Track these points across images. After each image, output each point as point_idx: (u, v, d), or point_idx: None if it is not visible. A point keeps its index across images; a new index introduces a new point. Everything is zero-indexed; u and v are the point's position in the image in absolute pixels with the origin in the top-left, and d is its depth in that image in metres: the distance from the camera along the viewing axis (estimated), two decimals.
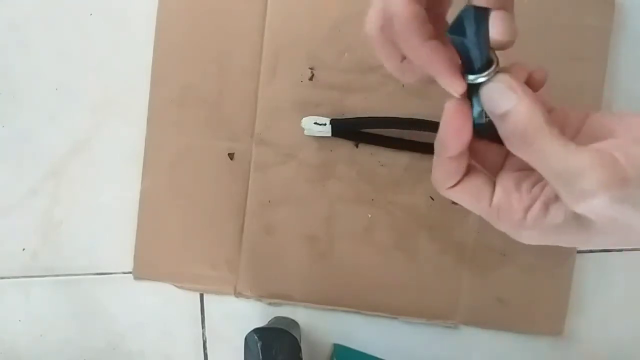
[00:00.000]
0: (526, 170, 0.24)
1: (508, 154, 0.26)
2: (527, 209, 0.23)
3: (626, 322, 0.45)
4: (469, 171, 0.25)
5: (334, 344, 0.45)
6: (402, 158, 0.43)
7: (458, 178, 0.25)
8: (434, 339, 0.45)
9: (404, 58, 0.26)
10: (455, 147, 0.24)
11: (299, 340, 0.40)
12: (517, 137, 0.22)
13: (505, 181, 0.25)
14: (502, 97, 0.22)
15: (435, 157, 0.25)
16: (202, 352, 0.46)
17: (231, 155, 0.44)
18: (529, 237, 0.24)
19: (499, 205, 0.24)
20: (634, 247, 0.45)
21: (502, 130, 0.23)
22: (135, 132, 0.44)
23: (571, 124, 0.25)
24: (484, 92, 0.23)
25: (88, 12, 0.45)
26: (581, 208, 0.21)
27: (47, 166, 0.45)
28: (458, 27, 0.21)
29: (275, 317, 0.44)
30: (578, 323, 0.45)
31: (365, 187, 0.44)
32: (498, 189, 0.25)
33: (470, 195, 0.25)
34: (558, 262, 0.44)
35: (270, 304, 0.45)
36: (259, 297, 0.44)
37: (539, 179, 0.23)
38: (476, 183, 0.25)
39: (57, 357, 0.46)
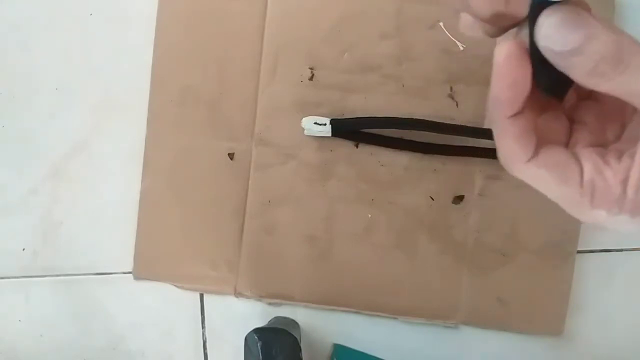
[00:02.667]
0: (600, 145, 0.21)
1: (573, 129, 0.22)
2: (625, 181, 0.19)
3: (626, 322, 0.45)
4: (542, 143, 0.21)
5: (334, 344, 0.45)
6: (402, 158, 0.43)
7: (533, 145, 0.21)
8: (434, 339, 0.45)
9: None
10: (516, 99, 0.20)
11: (299, 340, 0.40)
12: (603, 66, 0.18)
13: (589, 155, 0.20)
14: (576, 24, 0.18)
15: (495, 127, 0.21)
16: (202, 352, 0.46)
17: (231, 155, 0.44)
18: (628, 220, 0.20)
19: (593, 183, 0.20)
20: (633, 247, 0.45)
21: (577, 66, 0.19)
22: (135, 132, 0.44)
23: None
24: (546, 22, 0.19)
25: (88, 12, 0.45)
26: None
27: (47, 166, 0.45)
28: None
29: (275, 317, 0.44)
30: (578, 323, 0.45)
31: (365, 187, 0.44)
32: (587, 163, 0.20)
33: (553, 172, 0.20)
34: (558, 262, 0.44)
35: (270, 304, 0.45)
36: (259, 297, 0.44)
37: (622, 149, 0.20)
38: (559, 157, 0.20)
39: (57, 357, 0.46)
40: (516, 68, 0.19)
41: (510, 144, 0.21)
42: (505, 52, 0.19)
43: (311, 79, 0.43)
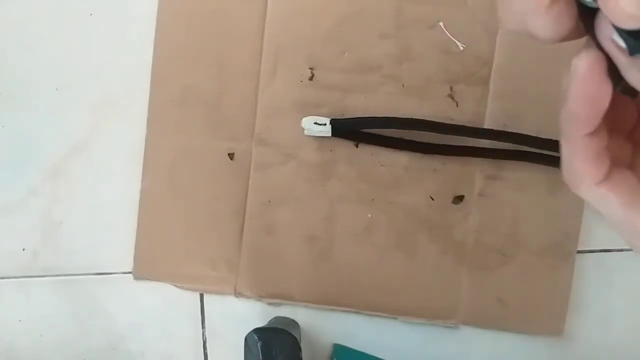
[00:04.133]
0: None
1: (635, 152, 0.20)
2: None
3: (626, 322, 0.45)
4: (612, 164, 0.19)
5: (334, 344, 0.45)
6: (402, 158, 0.43)
7: (606, 167, 0.19)
8: (434, 339, 0.45)
9: None
10: (595, 115, 0.18)
11: (299, 340, 0.40)
12: None
13: None
14: None
15: (567, 144, 0.19)
16: (202, 352, 0.46)
17: (231, 155, 0.44)
18: None
19: None
20: None
21: None
22: (135, 132, 0.44)
23: None
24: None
25: (88, 12, 0.45)
26: None
27: (47, 166, 0.45)
28: None
29: (275, 317, 0.44)
30: (578, 323, 0.45)
31: (365, 187, 0.44)
32: None
33: (622, 197, 0.19)
34: (558, 262, 0.44)
35: (270, 304, 0.45)
36: (259, 297, 0.44)
37: None
38: (630, 182, 0.19)
39: (57, 357, 0.46)
40: (598, 82, 0.18)
41: (583, 164, 0.19)
42: (588, 63, 0.17)
43: (311, 79, 0.43)
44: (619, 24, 0.15)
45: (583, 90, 0.18)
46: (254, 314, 0.45)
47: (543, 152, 0.42)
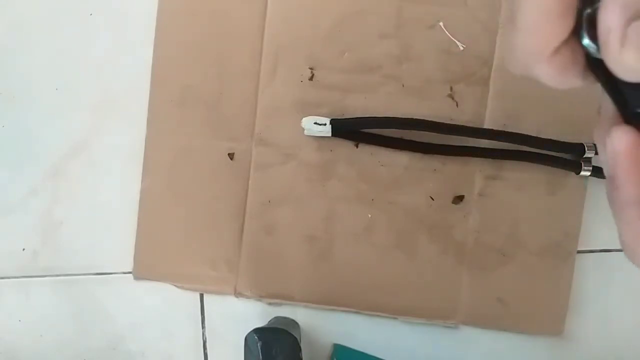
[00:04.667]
0: None
1: None
2: None
3: (626, 322, 0.45)
4: None
5: (334, 344, 0.45)
6: (402, 158, 0.43)
7: None
8: (434, 339, 0.45)
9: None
10: None
11: (299, 340, 0.40)
12: None
13: None
14: None
15: (625, 228, 0.18)
16: (202, 352, 0.46)
17: (231, 155, 0.44)
18: None
19: None
20: None
21: None
22: (135, 132, 0.44)
23: None
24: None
25: (88, 12, 0.45)
26: None
27: (47, 166, 0.45)
28: None
29: (275, 317, 0.44)
30: (578, 323, 0.45)
31: (365, 187, 0.44)
32: None
33: None
34: (558, 262, 0.44)
35: (270, 304, 0.45)
36: (259, 297, 0.44)
37: None
38: None
39: (57, 357, 0.46)
40: None
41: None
42: (627, 141, 0.16)
43: (311, 79, 0.43)
44: (622, 76, 0.15)
45: (630, 171, 0.16)
46: (254, 314, 0.45)
47: (543, 152, 0.42)
